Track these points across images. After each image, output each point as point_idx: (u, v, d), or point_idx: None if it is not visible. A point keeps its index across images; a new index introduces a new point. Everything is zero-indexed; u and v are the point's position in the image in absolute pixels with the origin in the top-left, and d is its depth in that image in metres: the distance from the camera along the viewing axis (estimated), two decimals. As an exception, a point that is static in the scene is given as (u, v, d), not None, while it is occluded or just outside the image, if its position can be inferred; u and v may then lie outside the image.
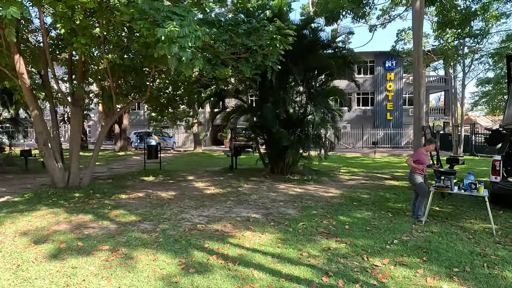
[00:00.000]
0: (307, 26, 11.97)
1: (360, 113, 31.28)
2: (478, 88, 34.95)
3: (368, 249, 4.75)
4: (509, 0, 14.73)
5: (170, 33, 5.06)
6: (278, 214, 6.74)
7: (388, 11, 18.37)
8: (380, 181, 11.10)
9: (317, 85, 12.74)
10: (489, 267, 4.19)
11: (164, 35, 5.09)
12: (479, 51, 21.77)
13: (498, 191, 7.09)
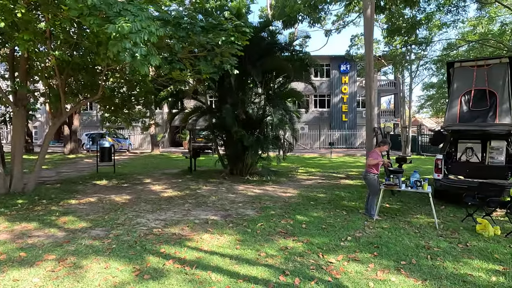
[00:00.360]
0: (265, 28, 12.12)
1: (317, 114, 32.24)
2: (424, 92, 37.58)
3: (323, 247, 4.90)
4: (449, 11, 16.00)
5: (121, 29, 4.86)
6: (237, 215, 6.74)
7: (343, 17, 19.15)
8: (335, 181, 11.50)
9: (275, 87, 12.94)
10: (432, 258, 4.51)
11: (115, 31, 4.88)
12: (424, 58, 23.40)
13: (440, 188, 7.65)
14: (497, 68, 7.82)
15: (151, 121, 15.38)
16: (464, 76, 8.16)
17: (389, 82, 33.43)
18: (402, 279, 3.87)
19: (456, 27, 20.91)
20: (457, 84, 8.20)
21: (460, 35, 22.61)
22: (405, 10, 15.42)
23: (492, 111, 7.56)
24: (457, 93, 8.13)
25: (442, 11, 16.04)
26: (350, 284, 3.73)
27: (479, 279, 3.90)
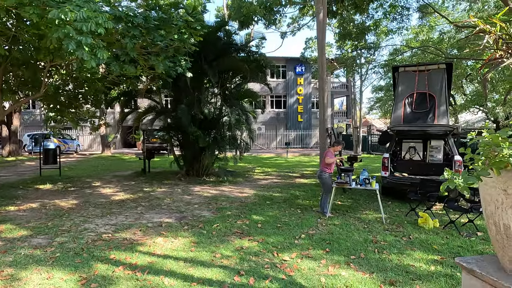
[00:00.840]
0: (221, 28, 12.05)
1: (274, 115, 32.73)
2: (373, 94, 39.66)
3: (278, 245, 4.98)
4: (395, 19, 17.06)
5: (64, 15, 4.54)
6: (192, 217, 6.63)
7: (297, 20, 19.64)
8: (291, 180, 11.76)
9: (232, 87, 12.92)
10: (379, 252, 4.77)
11: (57, 17, 4.54)
12: (372, 62, 24.73)
13: (387, 185, 8.13)
14: (435, 73, 8.49)
15: (101, 121, 14.62)
16: (407, 80, 8.74)
17: (341, 85, 34.87)
18: (351, 273, 4.05)
19: (401, 34, 22.33)
20: (401, 88, 8.77)
21: (404, 42, 24.22)
22: (355, 16, 16.19)
23: (431, 113, 8.18)
24: (401, 96, 8.70)
25: (388, 18, 17.05)
26: (303, 281, 3.82)
27: (420, 269, 4.19)
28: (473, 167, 1.43)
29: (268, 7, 12.54)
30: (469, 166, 1.50)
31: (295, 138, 31.80)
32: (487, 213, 1.51)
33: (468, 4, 20.46)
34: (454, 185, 1.35)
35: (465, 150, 1.51)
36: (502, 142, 1.30)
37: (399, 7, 15.94)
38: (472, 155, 1.48)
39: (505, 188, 1.36)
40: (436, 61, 13.24)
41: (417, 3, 16.74)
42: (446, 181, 1.46)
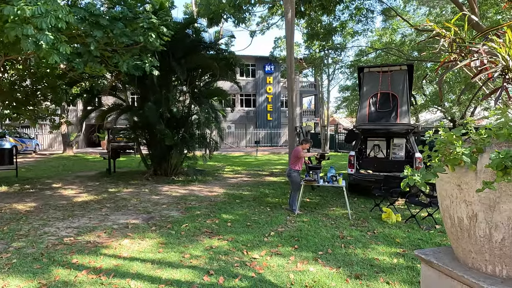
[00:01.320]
0: (190, 25, 11.86)
1: (243, 113, 32.74)
2: (340, 93, 40.72)
3: (248, 244, 4.99)
4: (360, 21, 17.61)
5: (21, 11, 4.28)
6: (160, 217, 6.49)
7: (266, 19, 19.76)
8: (260, 178, 11.82)
9: (201, 85, 12.78)
10: (346, 247, 4.92)
11: (13, 14, 4.28)
12: (339, 62, 25.40)
13: (353, 182, 8.40)
14: (398, 74, 8.87)
15: (62, 119, 13.93)
16: (371, 80, 9.07)
17: (309, 84, 35.51)
18: (319, 268, 4.15)
19: (365, 36, 23.11)
20: (366, 88, 9.08)
21: (369, 43, 25.09)
22: (323, 17, 16.53)
23: (394, 112, 8.55)
24: (366, 95, 9.01)
25: (354, 20, 17.56)
26: (272, 278, 3.86)
27: (383, 262, 4.37)
28: (430, 164, 1.51)
29: (237, 5, 12.51)
30: (427, 163, 1.58)
31: (264, 137, 32.00)
32: (443, 207, 1.60)
33: (428, 9, 21.56)
34: (413, 182, 1.42)
35: (423, 148, 1.60)
36: (455, 141, 1.39)
37: (364, 10, 16.47)
38: (429, 152, 1.56)
39: (459, 184, 1.45)
40: (398, 62, 13.82)
41: (380, 6, 17.37)
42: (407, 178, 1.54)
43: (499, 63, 1.43)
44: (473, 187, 1.39)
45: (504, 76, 1.44)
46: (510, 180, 1.23)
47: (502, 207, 1.34)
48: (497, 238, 1.37)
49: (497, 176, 1.27)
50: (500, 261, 1.40)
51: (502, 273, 1.40)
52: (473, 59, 1.49)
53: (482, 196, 1.36)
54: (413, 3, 22.71)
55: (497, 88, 1.50)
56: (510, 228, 1.33)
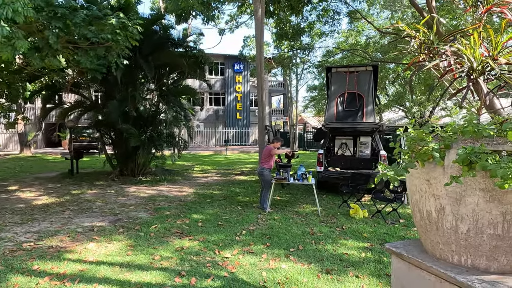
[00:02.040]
0: (157, 21, 11.57)
1: (213, 112, 32.46)
2: (308, 93, 41.47)
3: (219, 243, 4.95)
4: (327, 22, 18.02)
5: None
6: (128, 219, 6.28)
7: (235, 17, 19.68)
8: (231, 177, 11.79)
9: (169, 83, 12.51)
10: (316, 243, 5.02)
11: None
12: (307, 62, 25.86)
13: (322, 179, 8.59)
14: (363, 74, 9.17)
15: (18, 116, 13.09)
16: (339, 80, 9.31)
17: (278, 83, 35.84)
18: (291, 265, 4.20)
19: (332, 37, 23.69)
20: (334, 87, 9.31)
21: (336, 44, 25.74)
22: (291, 17, 16.74)
23: (360, 111, 8.84)
24: (334, 95, 9.24)
25: (321, 21, 17.93)
26: (245, 277, 3.86)
27: (352, 256, 4.51)
28: (400, 160, 1.58)
29: (206, 2, 12.36)
30: (397, 159, 1.65)
31: (234, 136, 31.93)
32: (412, 201, 1.68)
33: (390, 12, 22.46)
34: (387, 177, 1.47)
35: (394, 145, 1.66)
36: (426, 137, 1.46)
37: (331, 11, 16.86)
38: (400, 149, 1.63)
39: (428, 178, 1.52)
40: (363, 63, 14.29)
41: (346, 8, 17.88)
42: (377, 174, 1.60)
43: (465, 64, 1.52)
44: (441, 181, 1.47)
45: (469, 76, 1.53)
46: (475, 174, 1.31)
47: (467, 200, 1.42)
48: (463, 229, 1.45)
49: (463, 170, 1.34)
50: (465, 251, 1.48)
51: (467, 263, 1.49)
52: (441, 60, 1.57)
53: (449, 190, 1.44)
54: (377, 7, 23.58)
55: (462, 88, 1.59)
56: (474, 220, 1.42)
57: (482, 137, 1.36)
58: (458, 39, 1.60)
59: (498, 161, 1.26)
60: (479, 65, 1.47)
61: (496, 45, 1.44)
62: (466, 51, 1.51)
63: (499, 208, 1.35)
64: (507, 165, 1.19)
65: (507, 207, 1.34)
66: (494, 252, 1.41)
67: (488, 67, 1.44)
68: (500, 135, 1.35)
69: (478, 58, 1.48)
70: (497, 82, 1.53)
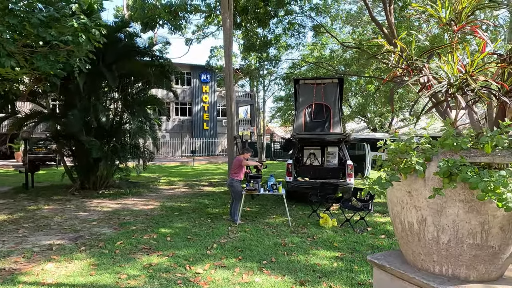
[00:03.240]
0: (122, 29, 11.25)
1: (179, 122, 31.91)
2: (274, 103, 42.04)
3: (190, 258, 4.78)
4: (293, 35, 18.48)
5: None
6: (90, 236, 5.92)
7: (202, 28, 19.61)
8: (199, 189, 11.55)
9: (134, 92, 12.14)
10: (288, 254, 4.99)
11: None
12: (274, 74, 26.27)
13: (291, 189, 8.64)
14: (330, 86, 9.44)
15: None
16: (306, 92, 9.51)
17: (245, 94, 36.05)
18: (265, 278, 4.13)
19: (298, 49, 24.29)
20: (302, 98, 9.50)
21: (301, 56, 26.42)
22: (258, 29, 16.98)
23: (327, 122, 9.06)
24: (302, 106, 9.41)
25: (287, 34, 18.36)
26: (218, 292, 3.74)
27: (325, 266, 4.53)
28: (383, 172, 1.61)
29: (173, 11, 12.21)
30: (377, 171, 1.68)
31: (201, 146, 31.52)
32: (393, 213, 1.70)
33: (352, 28, 23.49)
34: (375, 191, 1.48)
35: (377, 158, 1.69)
36: (409, 150, 1.49)
37: (297, 25, 17.33)
38: (381, 161, 1.66)
39: (409, 190, 1.55)
40: (329, 75, 14.74)
41: (311, 22, 18.44)
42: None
43: (443, 79, 1.59)
44: (422, 193, 1.50)
45: (447, 92, 1.60)
46: (455, 186, 1.35)
47: (448, 211, 1.46)
48: (444, 240, 1.49)
49: (444, 182, 1.38)
50: (446, 261, 1.52)
51: (448, 272, 1.53)
52: (421, 76, 1.63)
53: (431, 201, 1.48)
54: (339, 22, 24.58)
55: (440, 102, 1.66)
56: (454, 230, 1.46)
57: (460, 150, 1.41)
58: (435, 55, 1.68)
59: (477, 173, 1.31)
60: (456, 81, 1.54)
61: (472, 62, 1.53)
62: (444, 67, 1.58)
63: (478, 218, 1.40)
64: (489, 179, 1.24)
65: (485, 217, 1.39)
66: (473, 261, 1.46)
67: (465, 83, 1.51)
68: (476, 147, 1.42)
69: (456, 74, 1.55)
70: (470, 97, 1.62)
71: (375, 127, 30.47)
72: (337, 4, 21.45)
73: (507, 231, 1.41)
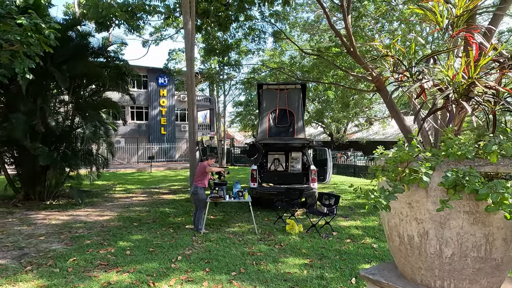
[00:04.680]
0: (73, 27, 10.51)
1: (135, 127, 30.61)
2: (234, 108, 41.95)
3: (153, 273, 4.46)
4: (253, 40, 18.54)
5: None
6: (37, 252, 5.33)
7: (161, 30, 18.98)
8: (158, 197, 11.04)
9: (87, 95, 11.37)
10: (257, 263, 4.84)
11: None
12: (234, 78, 26.18)
13: (256, 195, 8.51)
14: (293, 92, 9.50)
15: None
16: (270, 97, 9.49)
17: (205, 98, 35.53)
18: (235, 291, 3.94)
19: (259, 55, 24.42)
20: (266, 104, 9.45)
21: (262, 62, 26.61)
22: (219, 33, 16.79)
23: (291, 127, 9.09)
24: (266, 111, 9.37)
25: (247, 39, 18.38)
26: (186, 310, 3.48)
27: (295, 275, 4.44)
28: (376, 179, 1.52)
29: (130, 11, 11.64)
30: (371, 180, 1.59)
31: (158, 152, 30.46)
32: (390, 225, 1.63)
33: (309, 36, 24.12)
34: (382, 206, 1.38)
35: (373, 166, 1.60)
36: (412, 158, 1.42)
37: (257, 30, 17.41)
38: (376, 166, 1.58)
39: (410, 202, 1.48)
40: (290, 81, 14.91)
41: (271, 28, 18.64)
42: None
43: (445, 85, 1.55)
44: (424, 205, 1.43)
45: (448, 97, 1.56)
46: (461, 197, 1.30)
47: (452, 224, 1.40)
48: (447, 253, 1.43)
49: (449, 194, 1.32)
50: (448, 276, 1.46)
51: (450, 287, 1.47)
52: (425, 81, 1.58)
53: (433, 213, 1.41)
54: (297, 30, 25.14)
55: (440, 108, 1.63)
56: (459, 243, 1.41)
57: (464, 159, 1.37)
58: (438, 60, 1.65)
59: (484, 182, 1.27)
60: (459, 86, 1.51)
61: (475, 68, 1.50)
62: (446, 72, 1.55)
63: (483, 230, 1.36)
64: (504, 190, 1.19)
65: (489, 229, 1.36)
66: (477, 275, 1.42)
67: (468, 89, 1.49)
68: (479, 156, 1.38)
69: (459, 79, 1.52)
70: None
71: (331, 132, 31.50)
72: (295, 12, 21.92)
73: (509, 242, 1.39)
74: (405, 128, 7.31)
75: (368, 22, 14.22)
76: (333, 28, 10.06)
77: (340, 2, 9.12)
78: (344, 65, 14.71)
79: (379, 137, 29.72)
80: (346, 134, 32.89)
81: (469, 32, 1.61)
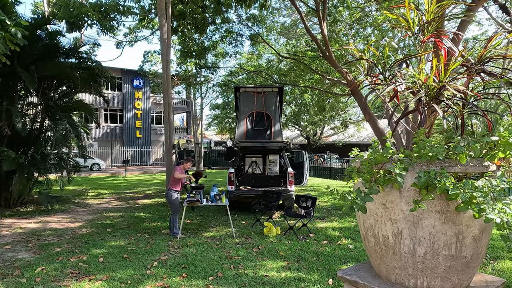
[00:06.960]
0: (42, 26, 10.11)
1: (109, 130, 29.78)
2: (211, 111, 41.70)
3: (128, 280, 4.33)
4: (231, 43, 18.53)
5: None
6: (2, 262, 5.05)
7: (135, 31, 18.60)
8: (133, 201, 10.76)
9: (57, 96, 10.95)
10: (235, 267, 4.80)
11: None
12: (212, 81, 26.03)
13: (233, 198, 8.47)
14: (270, 95, 9.55)
15: None
16: (247, 100, 9.49)
17: (181, 101, 35.10)
18: (213, 296, 3.89)
19: (236, 58, 24.41)
20: (243, 107, 9.45)
21: (239, 65, 26.63)
22: (195, 35, 16.66)
23: (269, 130, 9.13)
24: (243, 114, 9.36)
25: (225, 42, 18.35)
26: (162, 318, 3.40)
27: (273, 278, 4.43)
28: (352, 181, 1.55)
29: (103, 11, 11.33)
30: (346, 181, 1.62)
31: (133, 155, 29.77)
32: (365, 226, 1.65)
33: (286, 39, 24.41)
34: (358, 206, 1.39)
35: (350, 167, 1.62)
36: (386, 160, 1.45)
37: (234, 33, 17.41)
38: (350, 171, 1.60)
39: (384, 202, 1.51)
40: (267, 84, 15.00)
41: (249, 31, 18.70)
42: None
43: (417, 88, 1.60)
44: (398, 205, 1.47)
45: (419, 100, 1.60)
46: (433, 198, 1.33)
47: (424, 223, 1.44)
48: (420, 252, 1.47)
49: (422, 194, 1.36)
50: (422, 274, 1.50)
51: (423, 285, 1.51)
52: (398, 84, 1.62)
53: (407, 213, 1.45)
54: (274, 33, 25.37)
55: (412, 110, 1.67)
56: (431, 242, 1.45)
57: (435, 160, 1.41)
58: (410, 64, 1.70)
59: (454, 183, 1.31)
60: (431, 90, 1.56)
61: (446, 72, 1.55)
62: (419, 76, 1.59)
63: (453, 229, 1.40)
64: (473, 190, 1.23)
65: (459, 228, 1.40)
66: (448, 272, 1.46)
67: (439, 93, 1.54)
68: (449, 157, 1.43)
69: (431, 83, 1.57)
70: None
71: (308, 135, 31.94)
72: (272, 16, 22.08)
73: (478, 241, 1.44)
74: (379, 131, 7.52)
75: (343, 27, 14.59)
76: (309, 32, 10.22)
77: (316, 7, 9.30)
78: (320, 69, 14.96)
79: (354, 140, 30.42)
80: (323, 137, 33.46)
81: (438, 37, 1.68)
